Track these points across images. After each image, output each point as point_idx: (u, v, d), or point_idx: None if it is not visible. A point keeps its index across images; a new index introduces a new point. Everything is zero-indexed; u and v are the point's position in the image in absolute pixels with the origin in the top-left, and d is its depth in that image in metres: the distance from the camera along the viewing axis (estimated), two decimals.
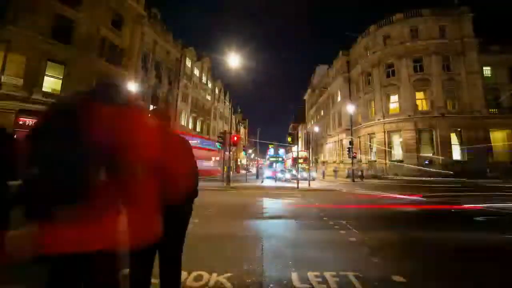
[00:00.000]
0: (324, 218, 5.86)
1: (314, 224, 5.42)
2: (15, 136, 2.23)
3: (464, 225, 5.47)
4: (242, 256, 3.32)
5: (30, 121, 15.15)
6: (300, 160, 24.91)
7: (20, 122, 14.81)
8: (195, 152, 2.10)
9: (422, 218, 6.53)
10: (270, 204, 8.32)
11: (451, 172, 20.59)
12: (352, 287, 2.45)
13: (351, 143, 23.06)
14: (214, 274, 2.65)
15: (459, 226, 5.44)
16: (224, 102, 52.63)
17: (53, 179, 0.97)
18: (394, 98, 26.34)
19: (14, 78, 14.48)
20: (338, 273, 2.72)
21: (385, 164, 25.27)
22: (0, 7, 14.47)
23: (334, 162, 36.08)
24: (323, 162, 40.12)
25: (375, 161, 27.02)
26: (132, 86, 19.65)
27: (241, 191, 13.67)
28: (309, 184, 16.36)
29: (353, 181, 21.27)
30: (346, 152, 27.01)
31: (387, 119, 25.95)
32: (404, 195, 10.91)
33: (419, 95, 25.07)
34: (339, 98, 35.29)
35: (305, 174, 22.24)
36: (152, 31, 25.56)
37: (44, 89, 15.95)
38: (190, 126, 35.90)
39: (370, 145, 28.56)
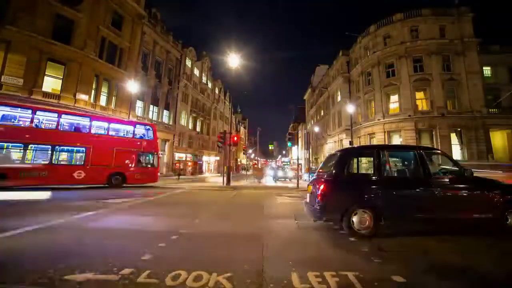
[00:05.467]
0: None
1: None
2: None
3: None
4: (242, 256, 3.32)
5: None
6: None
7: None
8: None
9: None
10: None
11: None
12: (352, 287, 2.45)
13: (351, 143, 23.08)
14: (214, 274, 2.65)
15: None
16: (224, 102, 52.61)
17: None
18: (394, 98, 26.32)
19: (14, 78, 14.49)
20: (338, 273, 2.72)
21: None
22: (0, 7, 14.46)
23: None
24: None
25: None
26: (132, 86, 19.64)
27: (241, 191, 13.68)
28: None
29: None
30: None
31: (387, 119, 25.94)
32: None
33: (419, 95, 25.05)
34: (339, 98, 35.28)
35: (305, 175, 22.24)
36: (152, 31, 25.57)
37: (44, 89, 15.95)
38: (190, 126, 35.89)
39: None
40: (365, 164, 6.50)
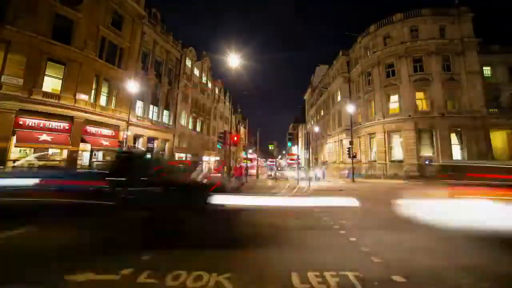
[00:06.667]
0: None
1: None
2: None
3: None
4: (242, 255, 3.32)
5: (30, 121, 15.15)
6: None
7: (20, 122, 14.80)
8: None
9: None
10: None
11: None
12: (352, 287, 2.45)
13: (351, 143, 23.07)
14: (214, 274, 2.65)
15: None
16: (224, 102, 52.58)
17: None
18: (394, 98, 26.30)
19: (14, 78, 14.47)
20: (338, 273, 2.72)
21: (385, 164, 25.26)
22: (0, 7, 14.45)
23: (334, 162, 36.05)
24: (323, 162, 40.12)
25: (375, 161, 27.01)
26: (132, 86, 19.64)
27: None
28: (309, 184, 16.35)
29: (353, 181, 21.29)
30: (346, 152, 27.00)
31: (387, 119, 25.92)
32: None
33: (419, 95, 25.03)
34: (339, 98, 35.27)
35: (303, 175, 22.25)
36: (152, 31, 25.55)
37: (44, 89, 15.93)
38: (190, 126, 35.88)
39: (370, 145, 28.55)
40: None
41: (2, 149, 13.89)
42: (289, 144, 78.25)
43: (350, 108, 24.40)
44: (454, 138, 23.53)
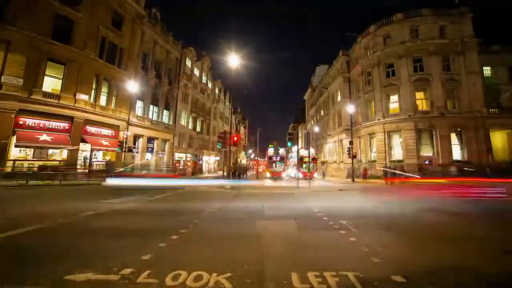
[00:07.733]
0: None
1: None
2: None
3: None
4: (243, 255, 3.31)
5: (30, 121, 15.16)
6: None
7: (20, 122, 14.81)
8: None
9: None
10: None
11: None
12: (352, 287, 2.45)
13: (351, 143, 23.05)
14: (214, 274, 2.65)
15: None
16: (224, 102, 52.57)
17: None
18: (394, 98, 26.29)
19: (14, 78, 14.49)
20: (338, 273, 2.71)
21: (385, 164, 25.22)
22: (0, 7, 14.46)
23: (334, 162, 36.05)
24: (323, 162, 40.08)
25: (375, 161, 26.99)
26: (132, 86, 19.64)
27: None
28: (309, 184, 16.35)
29: (353, 181, 21.30)
30: (346, 152, 26.98)
31: (387, 119, 25.91)
32: None
33: (419, 95, 25.02)
34: (339, 98, 35.26)
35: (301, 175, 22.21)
36: (152, 31, 25.55)
37: (44, 89, 15.94)
38: (190, 126, 35.88)
39: (370, 145, 28.54)
40: None
41: (2, 149, 13.89)
42: (289, 144, 78.19)
43: (350, 108, 24.38)
44: (454, 138, 23.53)
